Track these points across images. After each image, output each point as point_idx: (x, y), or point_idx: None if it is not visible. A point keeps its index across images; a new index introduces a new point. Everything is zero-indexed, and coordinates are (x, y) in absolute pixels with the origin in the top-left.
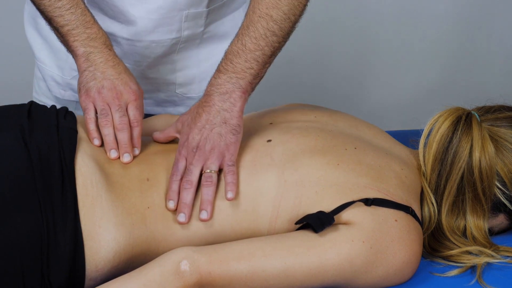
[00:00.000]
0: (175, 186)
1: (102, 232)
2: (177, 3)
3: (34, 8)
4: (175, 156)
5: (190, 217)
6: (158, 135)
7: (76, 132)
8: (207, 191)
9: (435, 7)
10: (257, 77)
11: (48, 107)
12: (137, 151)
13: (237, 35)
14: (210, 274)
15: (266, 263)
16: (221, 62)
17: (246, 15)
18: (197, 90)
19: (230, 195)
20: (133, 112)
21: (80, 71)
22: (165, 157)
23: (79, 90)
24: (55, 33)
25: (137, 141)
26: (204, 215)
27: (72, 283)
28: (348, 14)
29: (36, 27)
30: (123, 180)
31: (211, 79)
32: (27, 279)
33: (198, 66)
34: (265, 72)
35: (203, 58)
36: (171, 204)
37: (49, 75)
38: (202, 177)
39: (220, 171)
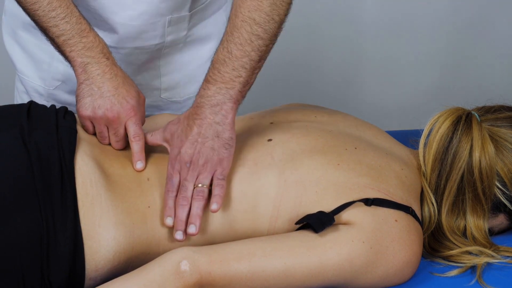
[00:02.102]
0: (171, 203)
1: (102, 231)
2: (160, 9)
3: (14, 19)
4: (168, 170)
5: (187, 235)
6: (145, 137)
7: (75, 131)
8: (197, 205)
9: (435, 8)
10: (247, 85)
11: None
12: (141, 164)
13: (221, 42)
14: (210, 274)
15: (266, 263)
16: (208, 71)
17: (229, 19)
18: (182, 94)
19: (214, 206)
20: (132, 128)
21: (78, 83)
22: (165, 156)
23: (76, 102)
24: (51, 43)
25: (141, 154)
26: (192, 229)
27: (72, 283)
28: (348, 16)
29: (15, 38)
30: (123, 179)
31: (200, 89)
32: (27, 279)
33: (182, 70)
34: (254, 78)
35: (187, 61)
36: (169, 221)
37: (31, 86)
38: (194, 191)
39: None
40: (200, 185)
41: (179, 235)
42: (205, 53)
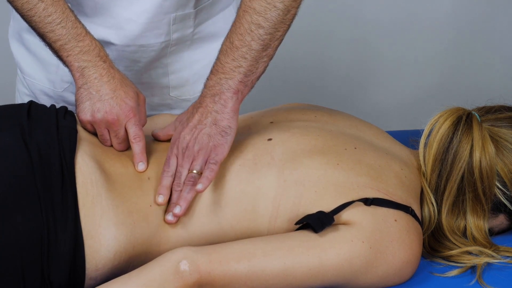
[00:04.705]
0: (165, 181)
1: (103, 231)
2: (163, 7)
3: (20, 23)
4: (167, 153)
5: (178, 218)
6: (157, 133)
7: (76, 131)
8: (186, 190)
9: (435, 9)
10: (250, 74)
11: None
12: (143, 165)
13: (227, 33)
14: (209, 274)
15: (266, 263)
16: (214, 62)
17: (236, 11)
18: (192, 91)
19: (199, 186)
20: (132, 129)
21: (76, 87)
22: (165, 155)
23: (76, 107)
24: (49, 48)
25: (142, 155)
26: (176, 209)
27: (73, 282)
28: (350, 17)
29: (22, 42)
30: (124, 179)
31: (205, 80)
32: (27, 278)
33: (191, 68)
34: (263, 67)
35: (196, 59)
36: (160, 199)
37: (39, 89)
38: (187, 176)
39: None
40: (194, 171)
41: (169, 216)
42: (214, 51)
